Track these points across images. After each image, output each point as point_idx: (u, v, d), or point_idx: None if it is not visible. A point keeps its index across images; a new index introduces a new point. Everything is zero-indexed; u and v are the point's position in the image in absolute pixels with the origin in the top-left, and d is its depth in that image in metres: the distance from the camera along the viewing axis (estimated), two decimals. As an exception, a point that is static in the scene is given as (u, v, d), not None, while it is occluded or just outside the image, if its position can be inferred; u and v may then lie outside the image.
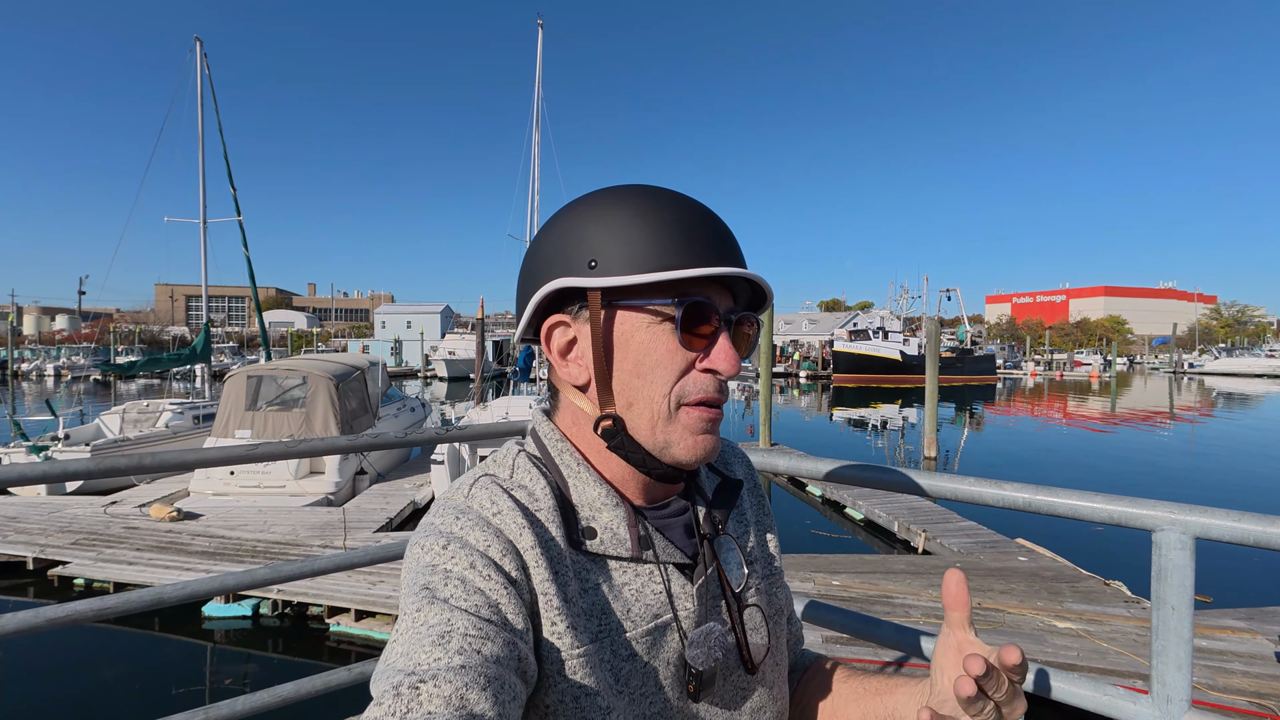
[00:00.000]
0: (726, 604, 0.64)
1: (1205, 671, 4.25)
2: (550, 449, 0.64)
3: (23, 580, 6.59)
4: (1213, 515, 0.82)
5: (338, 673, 1.50)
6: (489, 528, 0.56)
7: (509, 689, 0.46)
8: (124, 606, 1.29)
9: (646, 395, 0.60)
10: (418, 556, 0.55)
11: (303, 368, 10.40)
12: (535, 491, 0.61)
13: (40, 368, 46.87)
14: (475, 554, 0.54)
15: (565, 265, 0.61)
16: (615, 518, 0.61)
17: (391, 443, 1.64)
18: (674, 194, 0.63)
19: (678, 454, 0.60)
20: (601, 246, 0.59)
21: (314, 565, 1.48)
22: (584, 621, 0.57)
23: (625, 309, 0.60)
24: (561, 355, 0.63)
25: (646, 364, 0.60)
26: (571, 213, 0.63)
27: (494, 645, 0.48)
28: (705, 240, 0.60)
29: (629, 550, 0.60)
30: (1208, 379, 51.37)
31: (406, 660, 0.46)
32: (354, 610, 5.54)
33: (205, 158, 16.69)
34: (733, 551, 0.69)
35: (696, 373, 0.60)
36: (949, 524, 7.83)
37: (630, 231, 0.59)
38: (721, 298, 0.63)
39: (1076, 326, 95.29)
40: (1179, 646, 0.82)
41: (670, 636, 0.61)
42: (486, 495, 0.59)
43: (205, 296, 17.06)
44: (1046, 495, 0.94)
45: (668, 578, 0.62)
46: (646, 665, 0.59)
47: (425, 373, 46.36)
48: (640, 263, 0.58)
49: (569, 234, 0.62)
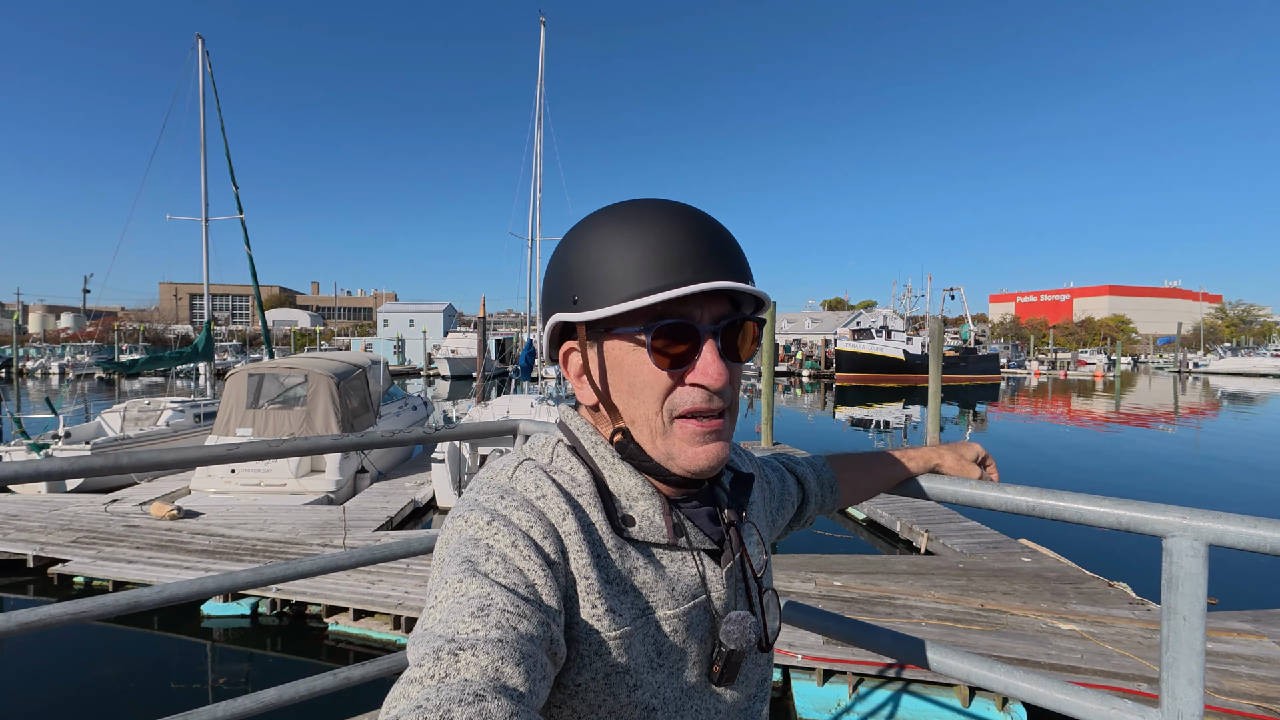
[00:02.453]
0: (748, 587, 0.70)
1: (1211, 675, 4.19)
2: (584, 441, 0.68)
3: (22, 578, 6.58)
4: (1227, 521, 0.77)
5: (323, 678, 1.46)
6: (533, 510, 0.59)
7: (540, 667, 0.48)
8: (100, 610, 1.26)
9: (642, 413, 0.64)
10: (460, 529, 0.58)
11: (304, 366, 10.38)
12: (577, 477, 0.64)
13: (45, 366, 46.99)
14: (518, 533, 0.56)
15: (557, 301, 0.66)
16: (651, 506, 0.65)
17: (378, 442, 1.60)
18: (652, 212, 0.65)
19: (682, 464, 0.64)
20: (579, 282, 0.64)
21: (297, 568, 1.44)
22: (627, 601, 0.61)
23: (610, 337, 0.64)
24: (577, 377, 0.68)
25: (636, 385, 0.64)
26: (560, 246, 0.68)
27: (529, 624, 0.49)
28: (679, 258, 0.62)
29: (665, 537, 0.65)
30: (1213, 378, 51.08)
31: (446, 628, 0.47)
32: (352, 610, 5.51)
33: (207, 155, 16.67)
34: (753, 538, 0.74)
35: (685, 387, 0.63)
36: (951, 524, 7.78)
37: (604, 265, 0.63)
38: (712, 306, 0.64)
39: (1081, 326, 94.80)
40: (1191, 659, 0.78)
41: (704, 617, 0.66)
42: (531, 479, 0.62)
43: (208, 295, 17.06)
44: (1052, 499, 0.90)
45: (701, 562, 0.66)
46: (685, 641, 0.64)
47: (428, 371, 46.39)
48: (614, 292, 0.62)
49: (556, 270, 0.67)
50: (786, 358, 50.34)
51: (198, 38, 16.46)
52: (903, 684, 4.32)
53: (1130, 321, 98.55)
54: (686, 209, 0.66)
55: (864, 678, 4.38)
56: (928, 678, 4.23)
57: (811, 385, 40.18)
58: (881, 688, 4.34)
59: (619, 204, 0.68)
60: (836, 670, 4.38)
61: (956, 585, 5.72)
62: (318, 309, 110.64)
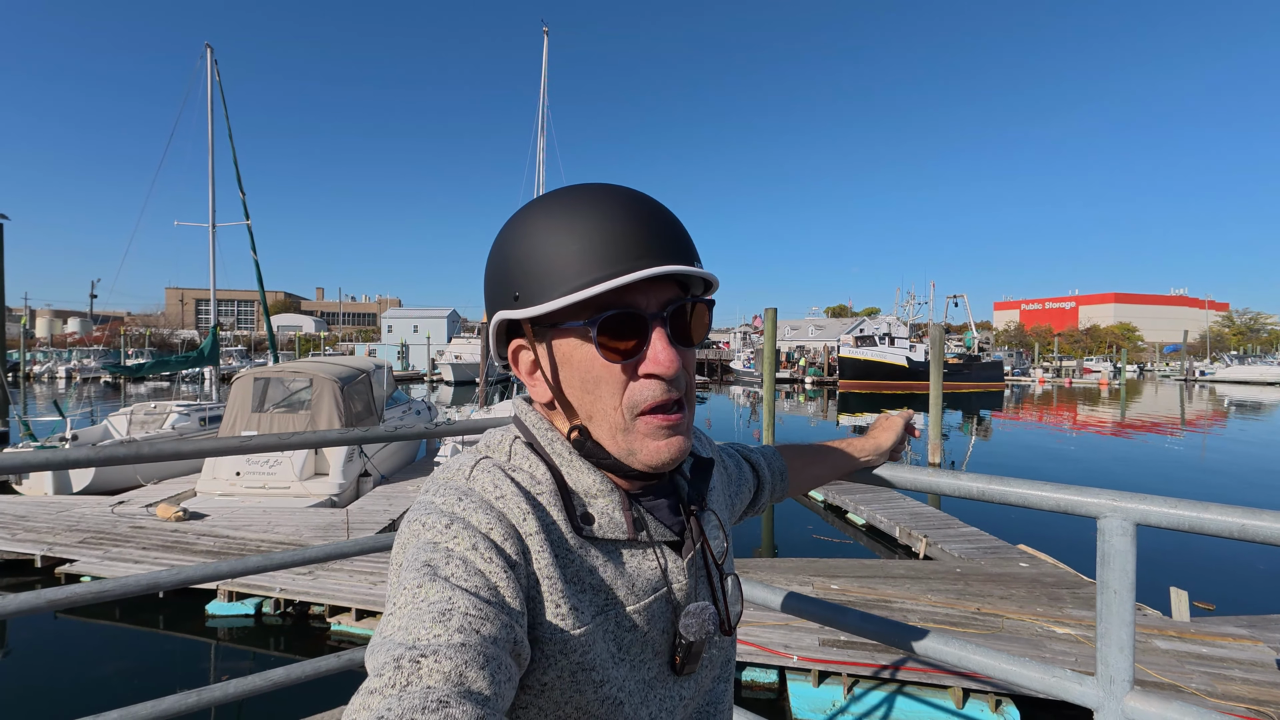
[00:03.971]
0: (709, 574, 0.70)
1: (1204, 678, 4.23)
2: (539, 436, 0.66)
3: (30, 578, 6.69)
4: (1152, 502, 0.85)
5: (328, 659, 1.54)
6: (492, 511, 0.57)
7: (504, 670, 0.47)
8: (98, 594, 1.34)
9: (600, 409, 0.62)
10: (418, 533, 0.56)
11: (308, 370, 10.50)
12: (536, 475, 0.63)
13: (52, 369, 47.35)
14: (478, 535, 0.55)
15: (499, 298, 0.64)
16: (610, 503, 0.64)
17: (381, 436, 1.68)
18: (589, 198, 0.62)
19: (643, 459, 0.63)
20: (519, 278, 0.62)
21: (304, 554, 1.53)
22: (588, 599, 0.60)
23: (558, 333, 0.62)
24: (528, 375, 0.67)
25: (590, 380, 0.62)
26: (497, 241, 0.66)
27: (492, 626, 0.48)
28: (621, 245, 0.59)
29: (626, 533, 0.64)
30: (1219, 387, 50.88)
31: (406, 635, 0.46)
32: (355, 610, 5.59)
33: (215, 162, 16.92)
34: (713, 524, 0.74)
35: (640, 381, 0.62)
36: (950, 530, 7.81)
37: (542, 258, 0.60)
38: (659, 292, 0.63)
39: (1086, 333, 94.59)
40: (1121, 629, 0.85)
41: (665, 609, 0.66)
42: (489, 478, 0.60)
43: (214, 300, 17.24)
44: (999, 485, 0.98)
45: (661, 555, 0.66)
46: (645, 635, 0.64)
47: (431, 377, 46.55)
48: (555, 286, 0.59)
49: (495, 266, 0.65)
50: (789, 365, 50.38)
51: (207, 47, 16.73)
52: (897, 685, 4.37)
53: (1136, 329, 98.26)
54: (625, 191, 0.64)
55: (859, 679, 4.43)
56: (923, 679, 4.27)
57: (815, 392, 40.18)
58: (876, 689, 4.38)
59: (554, 192, 0.65)
60: (832, 671, 4.43)
61: (954, 589, 5.76)
62: (322, 314, 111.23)
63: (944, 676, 4.25)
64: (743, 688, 4.64)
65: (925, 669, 4.30)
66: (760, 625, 4.91)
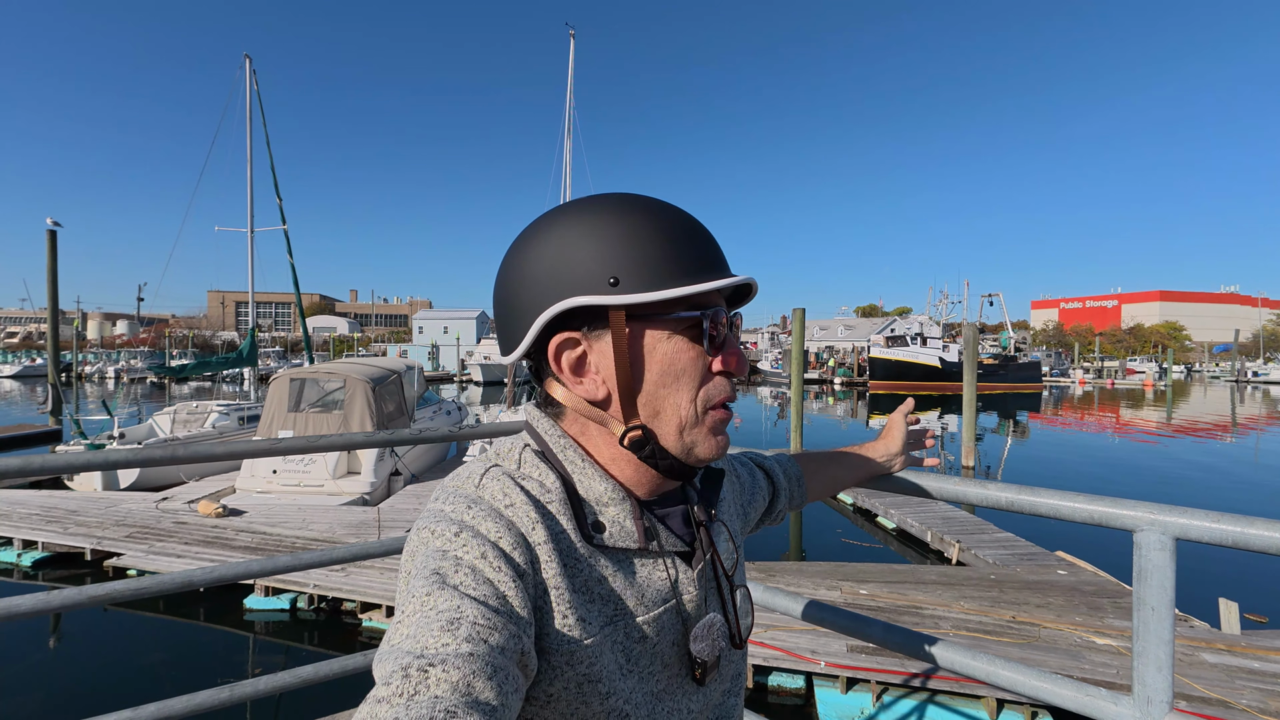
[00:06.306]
0: (719, 586, 0.69)
1: (1256, 694, 4.04)
2: (552, 444, 0.65)
3: (81, 570, 6.99)
4: (1192, 516, 0.81)
5: (354, 657, 1.57)
6: (501, 519, 0.57)
7: (512, 680, 0.47)
8: (136, 590, 1.38)
9: (674, 403, 0.63)
10: (427, 541, 0.56)
11: (342, 371, 10.74)
12: (546, 484, 0.62)
13: (102, 370, 49.48)
14: (487, 544, 0.55)
15: (580, 284, 0.61)
16: (622, 511, 0.63)
17: (407, 439, 1.71)
18: (668, 205, 0.66)
19: (701, 454, 0.64)
20: (621, 264, 0.60)
21: (331, 555, 1.56)
22: (597, 609, 0.60)
23: (647, 323, 0.62)
24: (573, 372, 0.64)
25: (672, 373, 0.63)
26: (573, 229, 0.62)
27: (500, 636, 0.48)
28: (708, 249, 0.64)
29: (636, 542, 0.63)
30: (1274, 389, 48.61)
31: (414, 643, 0.46)
32: (385, 606, 5.69)
33: (253, 169, 17.44)
34: (723, 535, 0.74)
35: (716, 377, 0.65)
36: (984, 535, 7.61)
37: (648, 247, 0.61)
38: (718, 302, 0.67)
39: (1129, 333, 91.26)
40: (1159, 648, 0.82)
41: (674, 620, 0.65)
42: (499, 486, 0.60)
43: (252, 303, 17.77)
44: (1029, 495, 0.94)
45: (672, 566, 0.66)
46: (655, 646, 0.63)
47: (461, 377, 47.20)
48: (662, 278, 0.60)
49: (579, 251, 0.61)
50: (818, 365, 49.72)
51: (246, 58, 17.26)
52: (929, 694, 4.27)
53: (1183, 328, 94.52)
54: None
55: (888, 686, 4.34)
56: (954, 688, 4.17)
57: (844, 393, 39.60)
58: (906, 697, 4.29)
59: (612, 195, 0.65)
60: (860, 678, 4.35)
61: (988, 597, 5.61)
62: (355, 316, 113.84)
63: (977, 686, 4.14)
64: (769, 693, 4.59)
65: (958, 678, 4.19)
66: (787, 630, 4.85)
